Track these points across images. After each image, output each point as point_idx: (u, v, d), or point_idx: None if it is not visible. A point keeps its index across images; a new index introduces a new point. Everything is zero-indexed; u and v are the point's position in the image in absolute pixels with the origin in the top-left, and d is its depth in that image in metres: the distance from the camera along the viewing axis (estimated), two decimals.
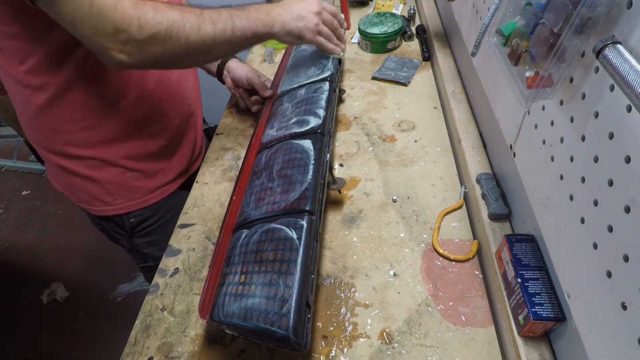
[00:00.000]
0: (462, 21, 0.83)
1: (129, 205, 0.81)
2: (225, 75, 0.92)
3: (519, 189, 0.59)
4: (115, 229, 0.86)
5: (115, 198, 0.79)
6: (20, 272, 1.85)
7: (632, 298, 0.32)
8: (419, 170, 0.78)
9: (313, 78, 0.80)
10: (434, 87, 0.97)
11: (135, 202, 0.81)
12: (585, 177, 0.38)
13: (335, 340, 0.56)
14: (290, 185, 0.59)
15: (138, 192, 0.81)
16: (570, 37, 0.36)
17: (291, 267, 0.48)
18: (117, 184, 0.78)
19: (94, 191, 0.78)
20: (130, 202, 0.81)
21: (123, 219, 0.83)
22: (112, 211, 0.81)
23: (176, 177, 0.86)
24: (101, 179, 0.76)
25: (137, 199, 0.81)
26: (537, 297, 0.47)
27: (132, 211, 0.82)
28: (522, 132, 0.54)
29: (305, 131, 0.67)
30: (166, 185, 0.84)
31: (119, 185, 0.78)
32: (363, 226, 0.70)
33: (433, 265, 0.63)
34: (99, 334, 1.59)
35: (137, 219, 0.84)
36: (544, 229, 0.48)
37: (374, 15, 1.13)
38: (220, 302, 0.49)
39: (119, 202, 0.80)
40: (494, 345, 0.54)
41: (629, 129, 0.32)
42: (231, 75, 0.92)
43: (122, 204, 0.80)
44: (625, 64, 0.29)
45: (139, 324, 0.61)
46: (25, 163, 2.39)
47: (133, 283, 1.75)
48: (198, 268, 0.68)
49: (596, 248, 0.36)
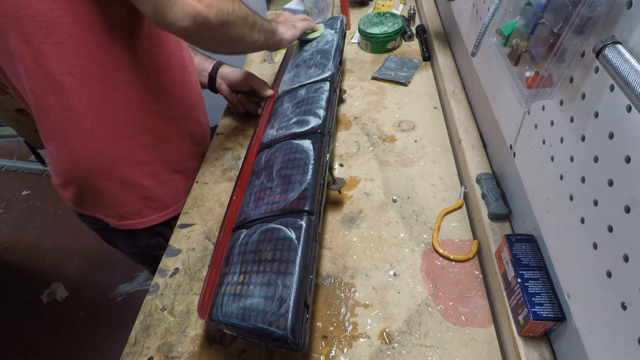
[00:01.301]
0: (462, 21, 0.83)
1: (176, 209, 0.81)
2: (220, 82, 0.91)
3: (519, 189, 0.59)
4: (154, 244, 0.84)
5: (165, 204, 0.80)
6: (20, 272, 1.85)
7: (632, 298, 0.32)
8: (419, 170, 0.78)
9: (313, 78, 0.80)
10: (434, 87, 0.97)
11: (180, 204, 0.81)
12: (585, 177, 0.38)
13: (335, 340, 0.56)
14: (289, 185, 0.59)
15: (181, 193, 0.81)
16: (570, 37, 0.36)
17: (290, 267, 0.48)
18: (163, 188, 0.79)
19: (143, 202, 0.78)
20: (177, 205, 0.81)
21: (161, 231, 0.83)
22: (160, 218, 0.81)
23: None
24: (149, 185, 0.76)
25: (180, 200, 0.81)
26: (537, 297, 0.47)
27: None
28: (522, 132, 0.54)
29: (305, 131, 0.67)
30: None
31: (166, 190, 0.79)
32: (363, 226, 0.70)
33: (433, 265, 0.63)
34: (99, 334, 1.59)
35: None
36: (544, 229, 0.48)
37: (374, 15, 1.13)
38: (219, 302, 0.49)
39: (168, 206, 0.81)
40: (494, 345, 0.54)
41: (629, 129, 0.32)
42: (227, 82, 0.90)
43: (171, 207, 0.81)
44: (625, 64, 0.29)
45: (139, 324, 0.61)
46: (25, 163, 2.39)
47: (133, 283, 1.75)
48: (198, 268, 0.68)
49: (596, 248, 0.36)
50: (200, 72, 0.89)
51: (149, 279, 1.71)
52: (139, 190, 0.75)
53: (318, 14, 1.19)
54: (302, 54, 0.91)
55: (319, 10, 1.18)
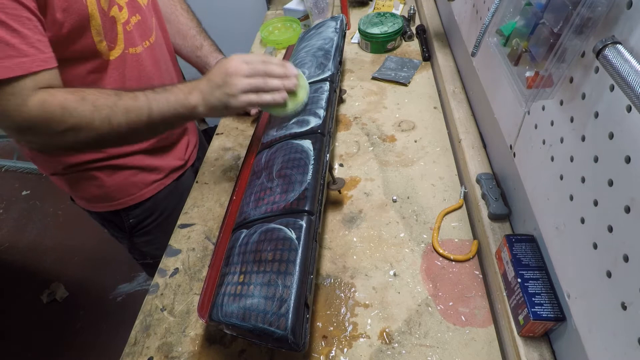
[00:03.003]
0: (462, 21, 0.83)
1: (126, 201, 0.81)
2: None
3: (519, 189, 0.59)
4: (115, 229, 0.86)
5: (114, 195, 0.79)
6: (20, 272, 1.85)
7: (632, 298, 0.32)
8: (419, 170, 0.78)
9: (313, 78, 0.80)
10: (434, 87, 0.97)
11: (132, 197, 0.81)
12: (585, 177, 0.38)
13: (335, 340, 0.56)
14: (289, 185, 0.59)
15: (134, 187, 0.81)
16: (570, 37, 0.36)
17: (290, 267, 0.48)
18: (115, 181, 0.78)
19: (95, 191, 0.78)
20: (127, 198, 0.80)
21: (122, 220, 0.83)
22: (110, 207, 0.81)
23: (170, 172, 0.86)
24: (101, 177, 0.76)
25: (134, 193, 0.81)
26: (537, 297, 0.47)
27: (131, 211, 0.82)
28: (522, 132, 0.54)
29: (305, 131, 0.67)
30: (162, 179, 0.84)
31: (117, 182, 0.78)
32: (363, 226, 0.70)
33: (433, 265, 0.63)
34: (99, 334, 1.59)
35: (136, 219, 0.84)
36: (544, 229, 0.48)
37: (374, 15, 1.13)
38: (219, 302, 0.49)
39: (118, 198, 0.80)
40: (494, 345, 0.54)
41: (629, 129, 0.32)
42: None
43: (121, 200, 0.80)
44: (625, 64, 0.29)
45: (139, 324, 0.61)
46: (25, 163, 2.39)
47: (133, 283, 1.75)
48: (198, 268, 0.68)
49: (596, 248, 0.36)
50: (204, 66, 0.89)
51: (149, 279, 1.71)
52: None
53: (318, 14, 1.19)
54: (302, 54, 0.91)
55: (319, 10, 1.18)
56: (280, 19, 1.28)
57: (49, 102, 0.54)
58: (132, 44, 0.69)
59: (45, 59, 0.53)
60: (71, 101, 0.55)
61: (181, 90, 0.61)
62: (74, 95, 0.56)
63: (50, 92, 0.55)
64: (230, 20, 1.83)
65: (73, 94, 0.56)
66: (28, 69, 0.51)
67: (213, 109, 0.62)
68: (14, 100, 0.52)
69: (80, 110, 0.55)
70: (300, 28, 1.24)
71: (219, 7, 1.81)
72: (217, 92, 0.61)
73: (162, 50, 0.80)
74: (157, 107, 0.60)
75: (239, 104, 0.62)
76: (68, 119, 0.55)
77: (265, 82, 0.63)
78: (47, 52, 0.54)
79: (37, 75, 0.53)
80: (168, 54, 0.83)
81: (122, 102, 0.58)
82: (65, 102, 0.55)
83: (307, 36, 0.97)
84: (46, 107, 0.53)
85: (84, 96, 0.56)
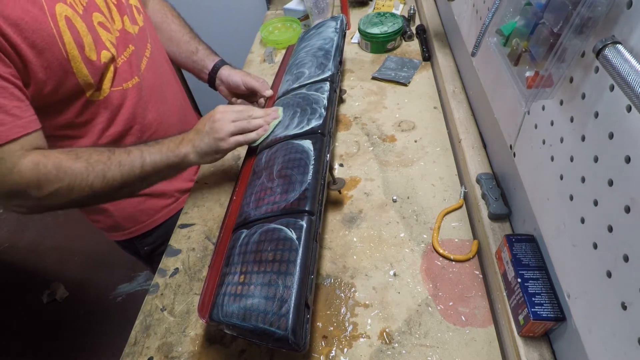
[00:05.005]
0: (462, 21, 0.83)
1: (138, 229, 0.82)
2: (219, 84, 0.90)
3: (519, 189, 0.59)
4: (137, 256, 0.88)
5: (125, 224, 0.80)
6: (20, 272, 1.85)
7: (632, 298, 0.32)
8: (419, 170, 0.78)
9: (314, 78, 0.80)
10: (434, 87, 0.97)
11: (144, 224, 0.82)
12: (585, 177, 0.38)
13: (335, 340, 0.56)
14: (290, 185, 0.59)
15: (144, 215, 0.81)
16: (570, 37, 0.36)
17: (290, 268, 0.48)
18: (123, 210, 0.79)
19: (107, 220, 0.79)
20: (139, 226, 0.81)
21: (137, 247, 0.84)
22: (124, 236, 0.82)
23: (181, 194, 0.87)
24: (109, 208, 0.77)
25: (144, 221, 0.82)
26: (537, 297, 0.47)
27: (144, 238, 0.83)
28: (522, 132, 0.54)
29: (306, 131, 0.67)
30: (172, 204, 0.85)
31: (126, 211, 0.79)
32: (363, 226, 0.70)
33: (433, 265, 0.63)
34: (99, 334, 1.59)
35: (150, 246, 0.85)
36: (544, 229, 0.48)
37: (374, 15, 1.13)
38: (219, 302, 0.49)
39: (129, 227, 0.81)
40: (494, 345, 0.54)
41: (629, 129, 0.32)
42: (225, 84, 0.89)
43: (132, 228, 0.81)
44: (625, 64, 0.29)
45: (139, 324, 0.61)
46: None
47: (133, 283, 1.75)
48: (198, 268, 0.68)
49: (596, 248, 0.36)
50: (201, 69, 0.89)
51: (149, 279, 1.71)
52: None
53: (318, 14, 1.19)
54: (302, 54, 0.91)
55: (319, 10, 1.18)
56: (280, 19, 1.28)
57: (43, 163, 0.55)
58: (124, 79, 0.69)
59: (23, 124, 0.54)
60: (65, 160, 0.56)
61: (172, 141, 0.65)
62: (67, 155, 0.57)
63: (43, 153, 0.56)
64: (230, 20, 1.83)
65: (66, 153, 0.58)
66: (6, 137, 0.52)
67: (204, 155, 0.66)
68: (4, 164, 0.52)
69: (74, 167, 0.57)
70: (300, 28, 1.24)
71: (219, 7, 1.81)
72: (206, 139, 0.65)
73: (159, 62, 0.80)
74: (149, 158, 0.63)
75: (228, 145, 0.66)
76: (62, 177, 0.56)
77: (249, 122, 0.69)
78: (26, 116, 0.54)
79: (20, 140, 0.53)
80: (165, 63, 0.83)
81: (115, 157, 0.60)
82: (60, 162, 0.56)
83: (307, 36, 0.97)
84: (40, 168, 0.54)
85: (77, 154, 0.58)
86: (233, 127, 0.67)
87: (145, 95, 0.73)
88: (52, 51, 0.56)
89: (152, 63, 0.76)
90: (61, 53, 0.57)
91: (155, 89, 0.77)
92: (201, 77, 0.90)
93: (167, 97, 0.80)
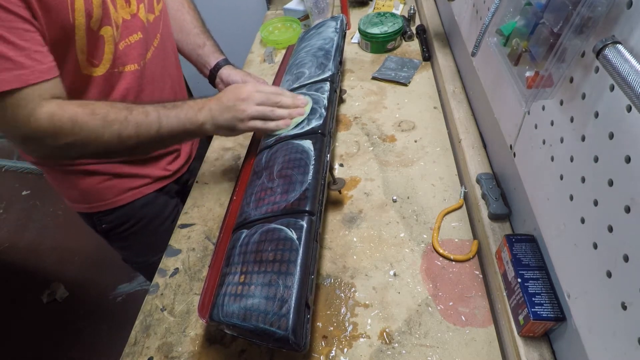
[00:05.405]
0: (462, 21, 0.83)
1: (99, 205, 0.79)
2: (218, 82, 0.89)
3: (519, 189, 0.59)
4: (94, 231, 0.86)
5: (88, 198, 0.79)
6: (20, 272, 1.85)
7: (632, 298, 0.32)
8: (419, 170, 0.78)
9: (314, 78, 0.80)
10: (434, 87, 0.97)
11: (105, 202, 0.79)
12: (585, 177, 0.38)
13: (335, 340, 0.56)
14: (290, 185, 0.59)
15: (108, 193, 0.79)
16: (570, 37, 0.36)
17: (291, 268, 0.48)
18: (87, 184, 0.77)
19: (71, 191, 0.79)
20: (100, 202, 0.79)
21: (95, 223, 0.82)
22: (85, 209, 0.80)
23: (153, 181, 0.83)
24: (74, 179, 0.76)
25: (107, 199, 0.79)
26: (537, 297, 0.47)
27: (104, 216, 0.81)
28: (522, 132, 0.54)
29: (306, 131, 0.67)
30: (140, 187, 0.82)
31: (89, 185, 0.77)
32: (363, 226, 0.70)
33: (433, 265, 0.63)
34: (99, 334, 1.59)
35: (109, 225, 0.83)
36: (544, 229, 0.48)
37: (374, 15, 1.13)
38: (219, 302, 0.49)
39: (91, 201, 0.79)
40: (494, 345, 0.54)
41: (629, 129, 0.32)
42: (225, 84, 0.88)
43: (93, 204, 0.79)
44: (625, 64, 0.29)
45: (139, 324, 0.61)
46: (25, 163, 2.39)
47: (133, 283, 1.74)
48: (198, 268, 0.68)
49: (596, 248, 0.36)
50: (204, 65, 0.88)
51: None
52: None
53: (318, 14, 1.19)
54: (302, 54, 0.91)
55: (319, 10, 1.18)
56: (280, 19, 1.28)
57: (59, 116, 0.54)
58: (123, 63, 0.68)
59: (43, 69, 0.53)
60: (81, 115, 0.56)
61: (191, 107, 0.64)
62: (84, 109, 0.57)
63: (60, 104, 0.55)
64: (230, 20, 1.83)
65: (83, 107, 0.57)
66: (26, 81, 0.51)
67: (220, 129, 0.66)
68: (21, 111, 0.52)
69: (90, 124, 0.57)
70: (300, 28, 1.24)
71: (219, 7, 1.81)
72: (226, 114, 0.65)
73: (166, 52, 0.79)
74: (166, 122, 0.62)
75: (245, 128, 0.66)
76: (78, 132, 0.56)
77: (273, 111, 0.68)
78: (46, 62, 0.54)
79: (39, 85, 0.53)
80: (172, 54, 0.82)
81: (132, 117, 0.60)
82: (76, 116, 0.56)
83: (307, 36, 0.97)
84: (55, 120, 0.54)
85: (94, 110, 0.57)
86: (255, 111, 0.66)
87: (143, 84, 0.73)
88: (58, 14, 0.55)
89: (158, 53, 0.75)
90: (68, 18, 0.56)
91: (155, 79, 0.76)
92: (203, 72, 0.90)
93: (165, 88, 0.80)
